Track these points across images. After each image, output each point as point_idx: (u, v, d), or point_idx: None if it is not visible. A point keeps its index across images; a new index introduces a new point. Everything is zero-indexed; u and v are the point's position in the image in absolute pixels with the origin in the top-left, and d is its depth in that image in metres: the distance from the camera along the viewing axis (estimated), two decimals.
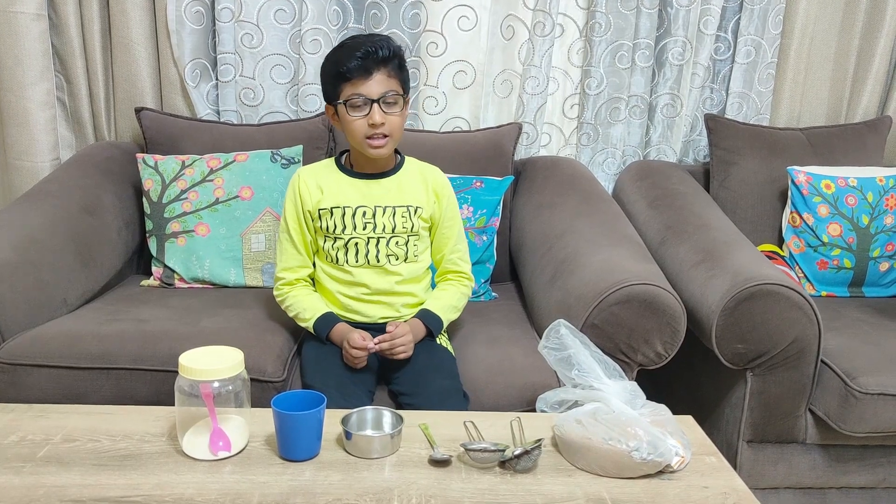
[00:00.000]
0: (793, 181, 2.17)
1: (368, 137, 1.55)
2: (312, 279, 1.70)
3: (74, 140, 2.37)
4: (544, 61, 2.31)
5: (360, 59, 1.51)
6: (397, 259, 1.63)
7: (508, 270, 2.22)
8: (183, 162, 2.06)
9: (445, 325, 1.65)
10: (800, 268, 2.16)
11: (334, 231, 1.61)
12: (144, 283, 2.05)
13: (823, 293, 2.16)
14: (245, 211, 2.02)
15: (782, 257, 2.19)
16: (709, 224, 1.99)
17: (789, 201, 2.20)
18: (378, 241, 1.61)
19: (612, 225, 1.94)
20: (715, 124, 2.35)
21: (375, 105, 1.53)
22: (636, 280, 1.59)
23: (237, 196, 2.02)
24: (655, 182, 2.27)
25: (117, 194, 2.10)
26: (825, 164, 2.24)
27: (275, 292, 1.70)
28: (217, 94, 2.32)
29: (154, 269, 2.05)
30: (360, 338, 1.53)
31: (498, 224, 2.10)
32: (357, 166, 1.65)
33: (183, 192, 2.03)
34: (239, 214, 2.01)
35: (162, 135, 2.18)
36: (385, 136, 1.56)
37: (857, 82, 2.48)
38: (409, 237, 1.64)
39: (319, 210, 1.62)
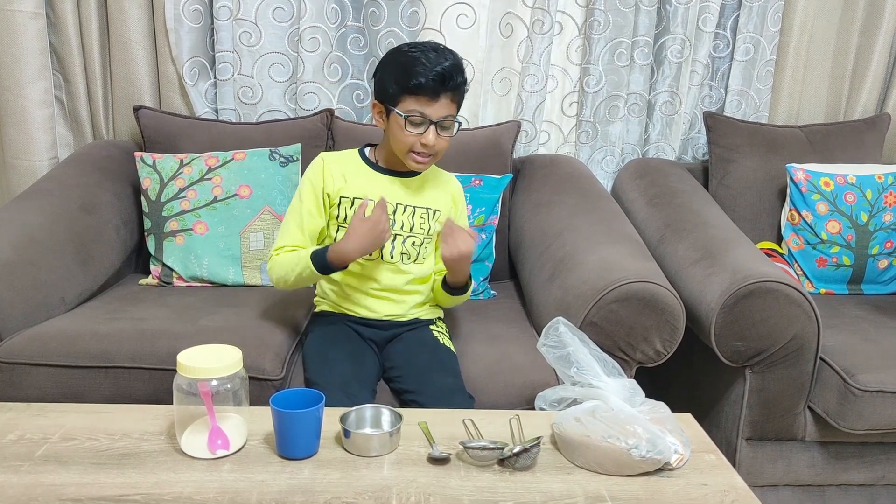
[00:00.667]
0: (792, 179, 2.17)
1: (414, 152, 1.54)
2: None
3: (72, 139, 2.37)
4: (543, 59, 2.31)
5: (434, 81, 1.48)
6: (409, 258, 1.63)
7: (507, 268, 2.21)
8: (181, 160, 2.06)
9: (464, 297, 1.68)
10: (799, 265, 2.16)
11: (347, 220, 1.60)
12: (143, 281, 2.05)
13: (822, 291, 2.16)
14: (244, 209, 2.01)
15: (781, 255, 2.19)
16: (708, 222, 1.99)
17: (788, 199, 2.19)
18: (395, 239, 1.61)
19: (610, 223, 1.93)
20: (714, 122, 2.35)
21: (433, 127, 1.51)
22: (635, 278, 1.58)
23: (235, 194, 2.02)
24: (654, 180, 2.27)
25: (115, 193, 2.10)
26: (824, 162, 2.24)
27: (267, 266, 1.65)
28: (215, 93, 2.31)
29: (152, 267, 2.05)
30: (372, 208, 1.50)
31: (497, 222, 2.09)
32: (383, 161, 1.64)
33: (181, 190, 2.02)
34: (237, 213, 2.01)
35: (160, 133, 2.17)
36: (430, 155, 1.55)
37: (855, 80, 2.48)
38: (424, 239, 1.64)
39: (341, 197, 1.60)
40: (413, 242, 1.63)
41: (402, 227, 1.62)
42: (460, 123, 1.58)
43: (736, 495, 1.13)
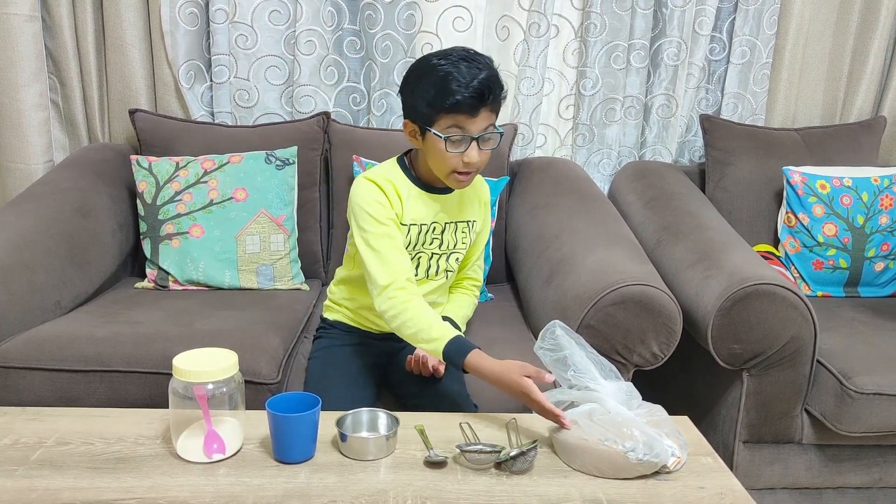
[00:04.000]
0: (788, 181, 2.17)
1: (457, 172, 1.45)
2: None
3: (68, 142, 2.36)
4: (539, 62, 2.31)
5: (473, 98, 1.38)
6: (451, 273, 1.61)
7: (504, 271, 2.21)
8: (177, 163, 2.05)
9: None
10: (795, 268, 2.16)
11: (407, 247, 1.52)
12: (139, 285, 2.04)
13: (819, 293, 2.16)
14: (239, 212, 2.01)
15: (778, 257, 2.19)
16: (704, 224, 1.99)
17: (784, 201, 2.20)
18: (440, 257, 1.57)
19: (607, 226, 1.93)
20: (710, 125, 2.35)
21: (475, 143, 1.42)
22: (632, 281, 1.58)
23: (231, 197, 2.01)
24: (651, 183, 2.27)
25: (111, 196, 2.09)
26: (820, 165, 2.24)
27: (383, 304, 1.43)
28: (211, 96, 2.31)
29: (148, 270, 2.04)
30: (540, 380, 1.29)
31: (494, 225, 2.09)
32: (424, 177, 1.54)
33: (177, 193, 2.02)
34: (233, 216, 2.01)
35: (156, 136, 2.17)
36: (471, 172, 1.47)
37: (851, 82, 2.49)
38: (463, 251, 1.62)
39: (400, 224, 1.51)
40: (457, 259, 1.61)
41: (448, 246, 1.58)
42: (502, 133, 1.49)
43: (733, 498, 1.13)
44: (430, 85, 1.41)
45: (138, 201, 2.06)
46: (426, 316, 1.40)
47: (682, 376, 2.02)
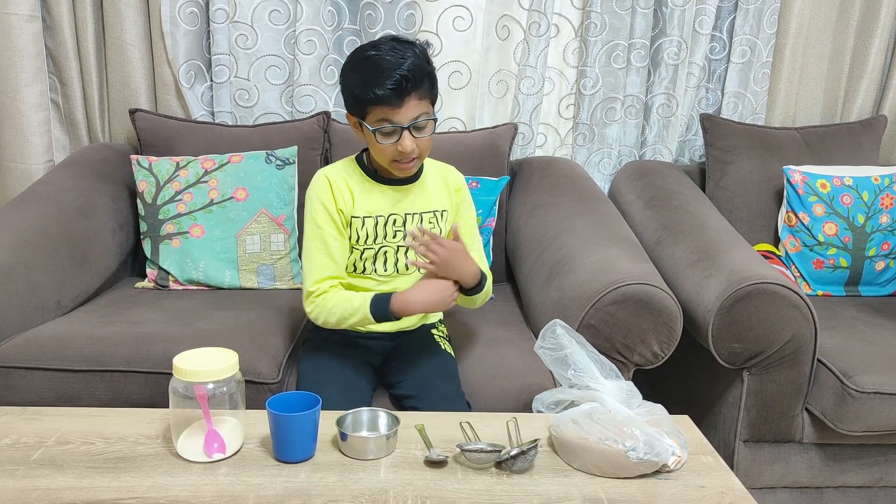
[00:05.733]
0: (788, 180, 2.17)
1: (396, 161, 1.47)
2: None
3: (68, 142, 2.36)
4: (539, 61, 2.31)
5: (393, 89, 1.39)
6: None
7: (504, 271, 2.21)
8: (177, 163, 2.05)
9: (480, 298, 1.56)
10: (796, 267, 2.16)
11: (365, 241, 1.54)
12: (139, 284, 2.04)
13: (819, 292, 2.16)
14: (240, 212, 2.01)
15: (778, 257, 2.19)
16: (705, 224, 1.99)
17: (785, 200, 2.20)
18: (408, 249, 1.55)
19: (607, 225, 1.93)
20: (710, 124, 2.35)
21: (406, 132, 1.43)
22: (632, 280, 1.58)
23: (232, 197, 2.01)
24: (651, 182, 2.27)
25: (111, 196, 2.10)
26: (821, 164, 2.24)
27: (307, 308, 1.52)
28: (212, 96, 2.31)
29: (148, 270, 2.04)
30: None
31: (494, 224, 2.09)
32: (382, 171, 1.55)
33: (177, 193, 2.02)
34: (234, 216, 2.01)
35: (156, 136, 2.17)
36: (413, 158, 1.48)
37: (852, 81, 2.49)
38: None
39: (352, 217, 1.53)
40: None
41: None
42: (436, 119, 1.49)
43: (733, 497, 1.13)
44: (357, 78, 1.44)
45: (138, 201, 2.06)
46: (344, 296, 1.50)
47: (683, 375, 2.02)
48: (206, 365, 1.17)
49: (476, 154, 2.18)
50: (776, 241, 2.25)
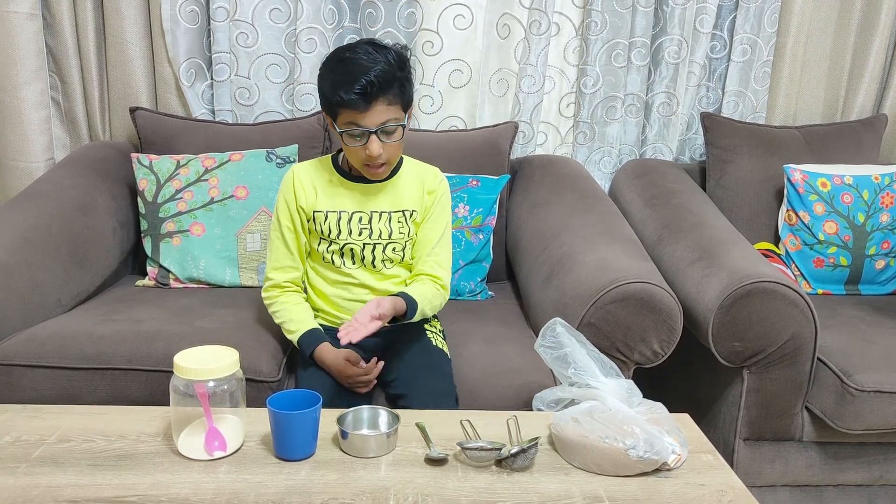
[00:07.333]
0: (789, 179, 2.17)
1: (366, 164, 1.50)
2: (303, 283, 1.67)
3: (69, 140, 2.36)
4: (540, 60, 2.31)
5: (359, 94, 1.41)
6: (392, 263, 1.62)
7: (505, 269, 2.21)
8: (178, 161, 2.05)
9: (418, 315, 1.54)
10: (796, 266, 2.16)
11: (329, 235, 1.58)
12: (139, 283, 2.04)
13: (820, 291, 2.16)
14: (240, 210, 2.01)
15: (779, 255, 2.19)
16: (705, 222, 1.99)
17: (785, 199, 2.20)
18: (374, 248, 1.58)
19: (608, 223, 1.93)
20: (711, 122, 2.35)
21: (373, 136, 1.45)
22: (633, 278, 1.58)
23: (232, 195, 2.01)
24: (652, 180, 2.27)
25: (112, 194, 2.10)
26: (821, 162, 2.24)
27: (263, 294, 1.64)
28: (212, 94, 2.31)
29: (149, 269, 2.04)
30: (354, 363, 1.49)
31: (494, 223, 2.09)
32: (355, 170, 1.58)
33: (178, 191, 2.02)
34: (234, 214, 2.01)
35: (157, 134, 2.17)
36: (382, 163, 1.50)
37: (852, 80, 2.49)
38: (406, 242, 1.62)
39: (314, 212, 1.58)
40: (394, 248, 1.60)
41: (380, 236, 1.58)
42: (404, 126, 1.50)
43: (733, 496, 1.13)
44: (329, 80, 1.46)
45: (139, 199, 2.06)
46: (293, 311, 1.58)
47: (683, 374, 2.02)
48: (207, 363, 1.17)
49: (476, 153, 2.18)
50: (776, 240, 2.25)
